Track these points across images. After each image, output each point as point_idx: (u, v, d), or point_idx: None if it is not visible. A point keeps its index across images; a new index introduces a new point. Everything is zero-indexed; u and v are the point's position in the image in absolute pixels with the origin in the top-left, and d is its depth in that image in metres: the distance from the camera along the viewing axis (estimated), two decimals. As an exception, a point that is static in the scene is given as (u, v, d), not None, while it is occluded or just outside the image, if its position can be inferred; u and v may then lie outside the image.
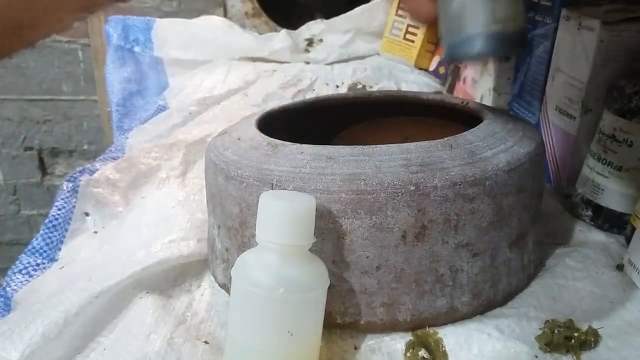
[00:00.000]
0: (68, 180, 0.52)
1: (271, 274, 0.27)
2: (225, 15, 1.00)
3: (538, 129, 0.54)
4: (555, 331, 0.32)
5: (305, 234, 0.28)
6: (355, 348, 0.32)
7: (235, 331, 0.28)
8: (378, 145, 0.33)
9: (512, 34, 0.29)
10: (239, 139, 0.37)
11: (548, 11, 0.53)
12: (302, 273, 0.28)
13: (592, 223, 0.45)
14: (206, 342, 0.33)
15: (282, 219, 0.27)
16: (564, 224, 0.45)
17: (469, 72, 0.71)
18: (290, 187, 0.31)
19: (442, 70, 0.84)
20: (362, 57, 0.93)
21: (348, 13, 0.95)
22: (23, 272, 0.43)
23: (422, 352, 0.31)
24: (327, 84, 0.81)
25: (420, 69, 0.88)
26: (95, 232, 0.48)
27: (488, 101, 0.62)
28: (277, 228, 0.27)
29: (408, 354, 0.31)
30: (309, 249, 0.29)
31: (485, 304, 0.34)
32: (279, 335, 0.27)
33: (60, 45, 1.23)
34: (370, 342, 0.32)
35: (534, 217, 0.36)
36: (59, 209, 0.49)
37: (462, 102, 0.43)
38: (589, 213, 0.45)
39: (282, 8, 1.06)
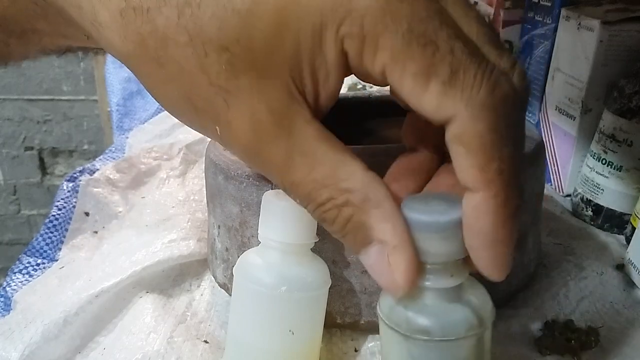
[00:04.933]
0: (68, 180, 0.52)
1: (273, 273, 0.27)
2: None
3: (538, 129, 0.54)
4: (555, 333, 0.32)
5: (307, 233, 0.28)
6: (356, 350, 0.32)
7: (236, 330, 0.28)
8: (378, 146, 0.33)
9: None
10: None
11: (548, 11, 0.53)
12: (304, 272, 0.28)
13: (592, 223, 0.45)
14: (206, 342, 0.33)
15: (285, 217, 0.27)
16: (564, 224, 0.45)
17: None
18: (290, 187, 0.31)
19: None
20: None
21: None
22: (23, 272, 0.43)
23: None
24: (327, 84, 0.81)
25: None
26: (96, 232, 0.48)
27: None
28: (280, 227, 0.27)
29: (408, 355, 0.31)
30: (311, 249, 0.29)
31: (485, 304, 0.34)
32: (280, 334, 0.27)
33: (61, 45, 1.23)
34: (370, 344, 0.32)
35: (533, 217, 0.36)
36: (59, 209, 0.49)
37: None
38: (589, 213, 0.45)
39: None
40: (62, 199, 0.50)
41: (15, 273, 0.43)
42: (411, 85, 0.19)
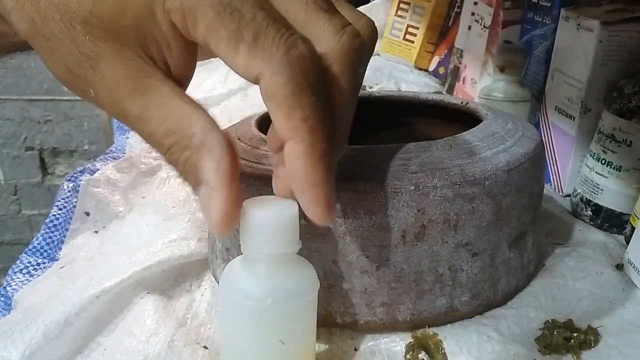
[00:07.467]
0: (69, 180, 0.52)
1: (259, 285, 0.26)
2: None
3: (537, 129, 0.54)
4: (555, 332, 0.32)
5: (289, 241, 0.26)
6: (355, 349, 0.32)
7: (228, 341, 0.28)
8: (378, 145, 0.33)
9: None
10: (239, 139, 0.37)
11: (547, 11, 0.53)
12: (290, 281, 0.27)
13: (591, 223, 0.45)
14: (205, 347, 0.33)
15: (264, 229, 0.26)
16: (564, 224, 0.45)
17: (468, 72, 0.71)
18: (290, 187, 0.31)
19: (441, 70, 0.84)
20: (362, 57, 0.93)
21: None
22: (24, 271, 0.43)
23: (422, 355, 0.31)
24: (327, 84, 0.81)
25: (419, 69, 0.88)
26: (96, 231, 0.48)
27: (488, 101, 0.62)
28: (261, 238, 0.26)
29: (408, 356, 0.31)
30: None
31: (484, 304, 0.34)
32: (270, 345, 0.27)
33: (61, 46, 1.23)
34: (370, 343, 0.33)
35: (533, 217, 0.36)
36: (60, 209, 0.49)
37: (462, 102, 0.43)
38: (589, 213, 0.45)
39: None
40: (62, 198, 0.50)
41: (15, 273, 0.43)
42: (225, 50, 0.22)
